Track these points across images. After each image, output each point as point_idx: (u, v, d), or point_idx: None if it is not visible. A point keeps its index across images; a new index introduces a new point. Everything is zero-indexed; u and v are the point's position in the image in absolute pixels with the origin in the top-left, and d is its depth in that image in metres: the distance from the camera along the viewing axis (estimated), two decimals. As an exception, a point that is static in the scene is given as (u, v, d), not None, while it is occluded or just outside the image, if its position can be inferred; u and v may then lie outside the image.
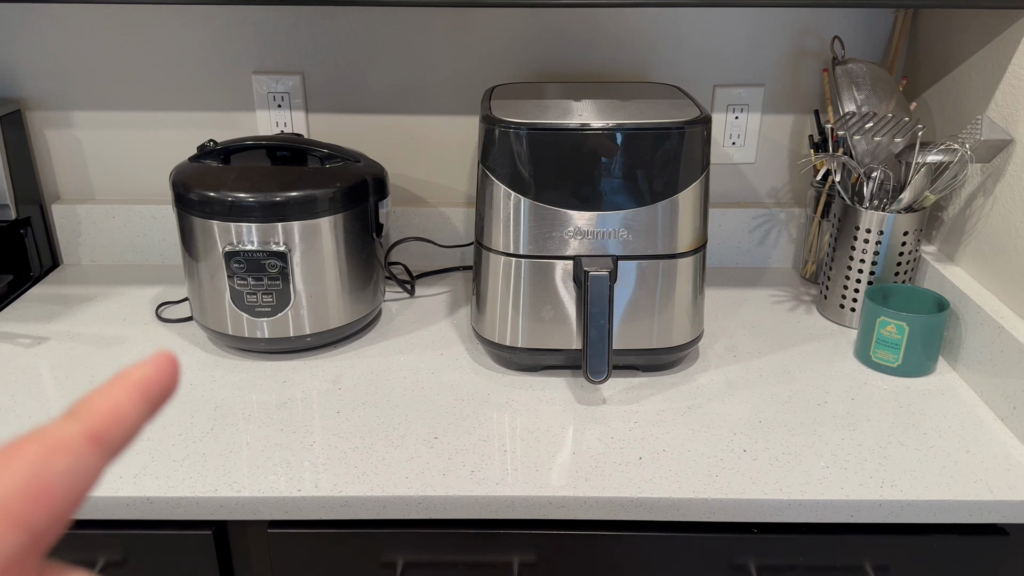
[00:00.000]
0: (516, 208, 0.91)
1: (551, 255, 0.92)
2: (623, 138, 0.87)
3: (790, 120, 1.22)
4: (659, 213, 0.90)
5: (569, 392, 0.94)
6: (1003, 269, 0.94)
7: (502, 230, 0.92)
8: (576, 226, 0.90)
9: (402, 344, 1.04)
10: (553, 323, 0.94)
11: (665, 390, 0.94)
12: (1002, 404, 0.89)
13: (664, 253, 0.92)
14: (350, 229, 0.99)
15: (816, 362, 1.00)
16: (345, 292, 1.01)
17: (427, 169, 1.25)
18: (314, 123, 1.23)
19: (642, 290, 0.93)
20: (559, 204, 0.90)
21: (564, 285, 0.93)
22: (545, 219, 0.90)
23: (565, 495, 0.77)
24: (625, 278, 0.92)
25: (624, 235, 0.91)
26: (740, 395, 0.93)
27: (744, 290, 1.20)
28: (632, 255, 0.92)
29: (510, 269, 0.93)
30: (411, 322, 1.10)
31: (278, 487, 0.78)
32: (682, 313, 0.95)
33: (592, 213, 0.90)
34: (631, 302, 0.93)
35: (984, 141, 0.93)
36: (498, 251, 0.93)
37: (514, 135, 0.88)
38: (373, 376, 0.97)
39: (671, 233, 0.91)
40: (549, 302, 0.93)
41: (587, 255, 0.91)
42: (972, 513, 0.77)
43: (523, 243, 0.92)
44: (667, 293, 0.93)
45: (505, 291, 0.94)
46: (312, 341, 1.02)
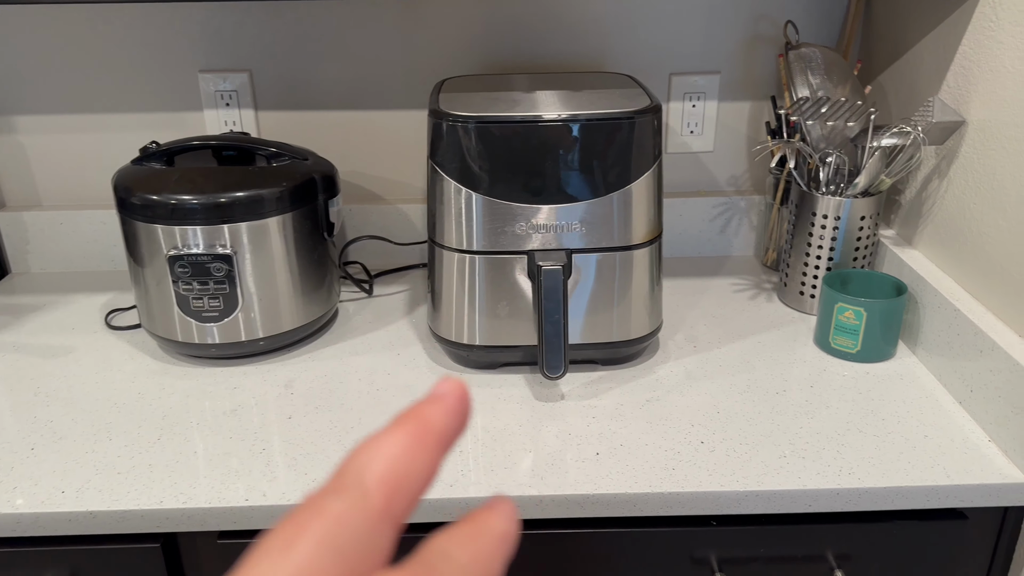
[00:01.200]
0: (467, 203, 0.89)
1: (505, 250, 0.90)
2: (573, 130, 0.86)
3: (747, 107, 1.21)
4: (612, 205, 0.89)
5: (527, 389, 0.92)
6: (959, 251, 0.94)
7: (454, 226, 0.90)
8: (529, 220, 0.89)
9: (358, 345, 1.02)
10: (510, 319, 0.92)
11: (624, 383, 0.93)
12: (959, 387, 0.88)
13: (619, 245, 0.91)
14: (299, 229, 0.97)
15: (776, 350, 0.99)
16: (297, 294, 0.99)
17: (383, 166, 1.23)
18: (264, 121, 1.20)
19: (599, 283, 0.92)
20: (511, 198, 0.88)
21: (519, 281, 0.91)
22: (497, 214, 0.89)
23: (519, 495, 0.75)
24: (581, 272, 0.91)
25: (578, 228, 0.89)
26: (699, 386, 0.92)
27: (705, 280, 1.19)
28: (587, 248, 0.90)
29: (464, 266, 0.91)
30: (368, 322, 1.08)
31: (225, 497, 0.76)
32: (640, 305, 0.94)
33: (545, 207, 0.88)
34: (588, 296, 0.92)
35: (936, 123, 0.93)
36: (451, 248, 0.91)
37: (462, 129, 0.86)
38: (327, 379, 0.95)
39: (626, 225, 0.90)
40: (505, 298, 0.92)
41: (540, 249, 0.90)
42: (930, 498, 0.77)
43: (476, 239, 0.90)
44: (624, 285, 0.92)
45: (460, 288, 0.92)
46: (265, 345, 0.99)
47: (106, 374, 0.97)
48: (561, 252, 0.89)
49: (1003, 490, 0.76)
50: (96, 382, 0.95)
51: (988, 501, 0.77)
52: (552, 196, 0.88)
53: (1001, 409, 0.81)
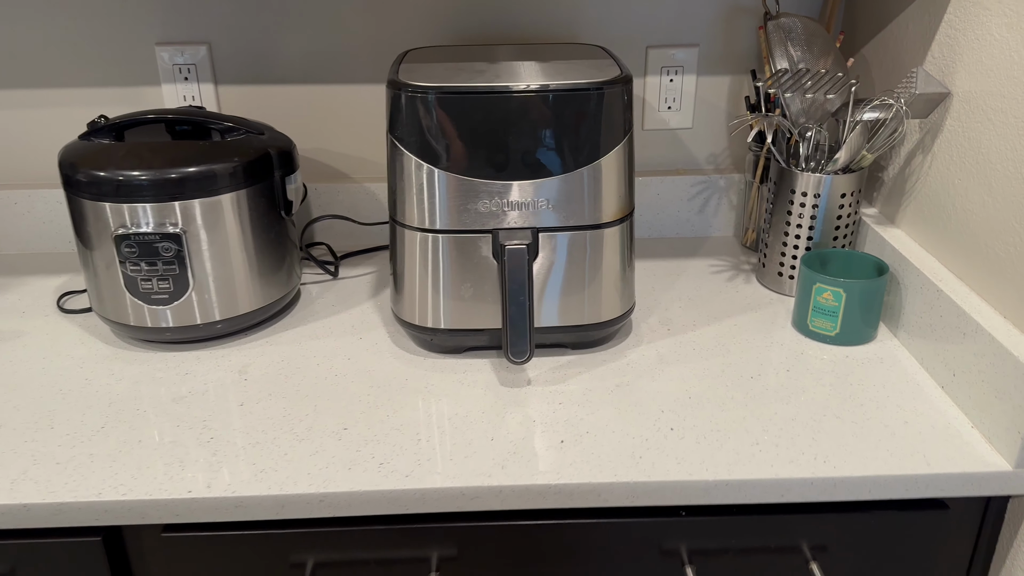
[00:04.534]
0: (428, 180, 0.84)
1: (468, 229, 0.86)
2: (538, 101, 0.81)
3: (727, 82, 1.17)
4: (581, 181, 0.85)
5: (493, 374, 0.88)
6: (942, 229, 0.90)
7: (415, 204, 0.86)
8: (493, 197, 0.85)
9: (319, 329, 0.98)
10: (475, 301, 0.88)
11: (594, 368, 0.89)
12: (942, 371, 0.85)
13: (589, 224, 0.87)
14: (255, 207, 0.93)
15: (752, 333, 0.96)
16: (254, 275, 0.94)
17: (349, 142, 1.19)
18: (225, 96, 1.15)
19: (568, 263, 0.87)
20: (473, 174, 0.84)
21: (485, 261, 0.87)
22: (460, 191, 0.84)
23: (478, 485, 0.72)
24: (549, 251, 0.87)
25: (545, 205, 0.85)
26: (671, 370, 0.88)
27: (682, 261, 1.15)
28: (554, 227, 0.86)
29: (427, 246, 0.87)
30: (331, 305, 1.04)
31: (167, 488, 0.72)
32: (610, 286, 0.90)
33: (509, 183, 0.84)
34: (556, 277, 0.88)
35: (919, 95, 0.89)
36: (412, 227, 0.87)
37: (421, 100, 0.82)
38: (284, 364, 0.91)
39: (595, 202, 0.86)
40: (469, 279, 0.88)
41: (505, 228, 0.85)
42: (910, 488, 0.73)
43: (438, 217, 0.86)
44: (594, 266, 0.88)
45: (423, 269, 0.88)
46: (223, 328, 0.95)
47: (54, 360, 0.92)
48: (527, 231, 0.85)
49: (986, 479, 0.73)
50: (43, 368, 0.91)
51: (970, 491, 0.73)
52: (517, 172, 0.84)
53: (984, 394, 0.77)
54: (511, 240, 0.83)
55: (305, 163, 1.19)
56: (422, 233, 0.87)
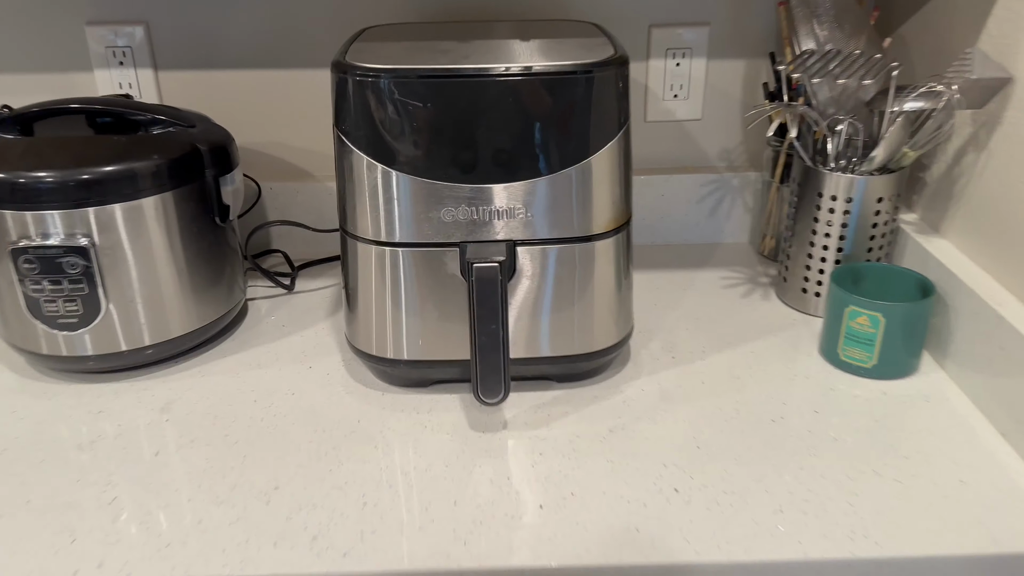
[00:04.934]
0: (384, 183, 0.70)
1: (432, 242, 0.71)
2: (513, 86, 0.67)
3: (742, 66, 1.02)
4: (567, 184, 0.70)
5: (462, 414, 0.74)
6: (1001, 241, 0.75)
7: (369, 212, 0.72)
8: (461, 204, 0.70)
9: (264, 355, 0.84)
10: (442, 327, 0.74)
11: (583, 407, 0.75)
12: (1003, 415, 0.70)
13: (577, 235, 0.72)
14: (183, 213, 0.78)
15: (772, 362, 0.81)
16: (186, 292, 0.80)
17: (311, 135, 1.04)
18: (167, 84, 1.01)
19: (552, 283, 0.73)
20: (437, 176, 0.69)
21: (452, 279, 0.73)
22: (421, 196, 0.70)
23: (434, 569, 0.58)
24: (529, 268, 0.72)
25: (523, 214, 0.71)
26: (676, 411, 0.74)
27: (690, 272, 1.00)
28: (535, 239, 0.72)
29: (383, 261, 0.73)
30: (281, 325, 0.90)
31: (49, 568, 0.58)
32: (604, 309, 0.75)
33: (480, 186, 0.70)
34: (538, 298, 0.73)
35: (976, 81, 0.74)
36: (365, 239, 0.73)
37: (372, 86, 0.67)
38: (216, 400, 0.77)
39: (584, 209, 0.71)
40: (434, 301, 0.73)
41: (475, 240, 0.71)
42: (970, 572, 0.59)
43: (396, 228, 0.71)
44: (584, 285, 0.74)
45: (380, 289, 0.74)
46: (154, 354, 0.81)
47: (-49, 392, 0.79)
48: (501, 244, 0.71)
49: (1066, 559, 0.58)
50: (-65, 403, 0.77)
51: (1045, 572, 0.59)
52: (489, 173, 0.69)
53: (1061, 449, 0.63)
54: (481, 256, 0.69)
55: (258, 159, 1.05)
56: (377, 247, 0.73)
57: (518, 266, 0.72)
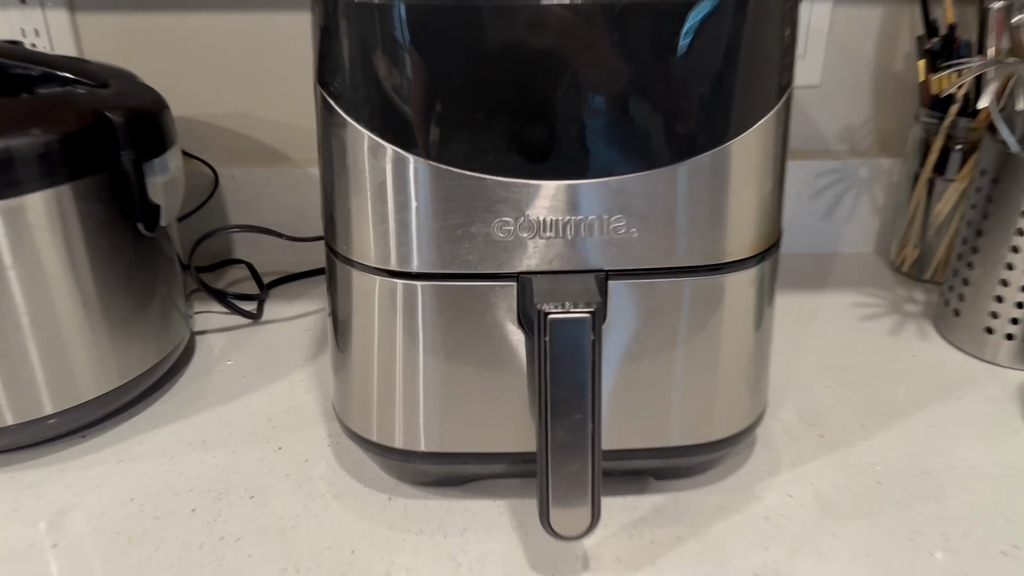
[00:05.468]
0: (397, 176, 0.43)
1: (472, 272, 0.44)
2: (613, 18, 0.40)
3: (878, 15, 0.75)
4: (693, 182, 0.43)
5: (514, 539, 0.48)
6: None
7: (371, 223, 0.45)
8: (521, 211, 0.43)
9: (212, 426, 0.57)
10: (483, 405, 0.47)
11: (704, 526, 0.48)
12: None
13: (703, 264, 0.45)
14: (89, 218, 0.51)
15: (972, 447, 0.55)
16: (98, 336, 0.54)
17: (286, 105, 0.77)
18: (87, 30, 0.73)
19: (657, 336, 0.46)
20: (484, 166, 0.42)
21: (500, 331, 0.46)
22: (456, 199, 0.43)
23: None
24: (625, 313, 0.45)
25: (622, 229, 0.44)
26: (850, 536, 0.47)
27: (809, 296, 0.74)
28: (637, 269, 0.45)
29: (393, 301, 0.46)
30: (241, 376, 0.63)
31: None
32: (735, 375, 0.49)
33: (555, 183, 0.43)
34: (637, 359, 0.46)
35: None
36: (366, 266, 0.46)
37: (378, 16, 0.40)
38: (135, 509, 0.50)
39: (717, 221, 0.45)
40: (471, 365, 0.46)
41: (543, 272, 0.44)
42: None
43: (415, 249, 0.44)
44: (708, 339, 0.47)
45: (387, 344, 0.47)
46: (58, 425, 0.55)
47: None
48: (585, 278, 0.44)
49: None
50: None
51: None
52: (571, 163, 0.42)
53: None
54: (558, 299, 0.42)
55: (215, 137, 0.77)
56: (383, 278, 0.45)
57: (610, 310, 0.45)
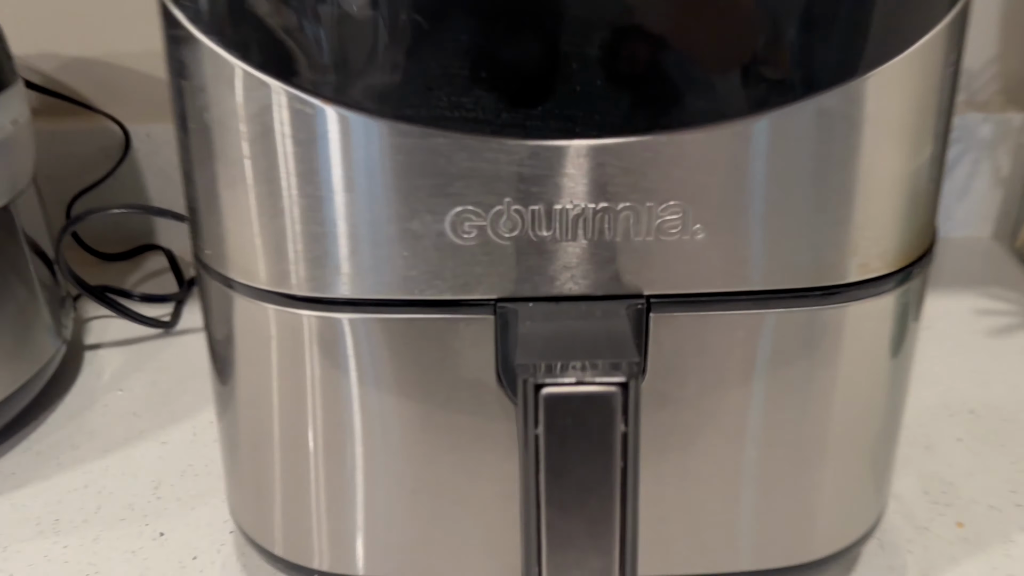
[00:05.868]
0: (292, 135, 0.25)
1: (411, 299, 0.26)
2: None
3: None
4: (792, 144, 0.25)
5: None
6: None
7: (256, 221, 0.26)
8: (497, 195, 0.25)
9: (71, 493, 0.40)
10: (444, 516, 0.29)
11: None
12: None
13: (808, 287, 0.27)
14: None
15: None
16: None
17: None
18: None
19: (728, 407, 0.28)
20: (430, 116, 0.24)
21: (467, 395, 0.28)
22: (388, 173, 0.24)
23: None
24: (670, 372, 0.27)
25: (671, 225, 0.25)
26: None
27: (913, 299, 0.55)
28: (697, 294, 0.26)
29: (298, 344, 0.28)
30: (132, 411, 0.46)
31: None
32: (848, 469, 0.30)
33: (555, 146, 0.24)
34: (688, 445, 0.28)
35: None
36: (253, 289, 0.28)
37: None
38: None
39: (833, 216, 0.26)
40: (424, 454, 0.28)
41: (539, 297, 0.26)
42: None
43: (328, 263, 0.26)
44: (808, 413, 0.29)
45: (293, 414, 0.29)
46: None
47: None
48: (613, 309, 0.26)
49: None
50: None
51: None
52: (580, 108, 0.24)
53: None
54: (561, 360, 0.23)
55: (125, 84, 0.59)
56: (283, 310, 0.27)
57: (651, 366, 0.27)
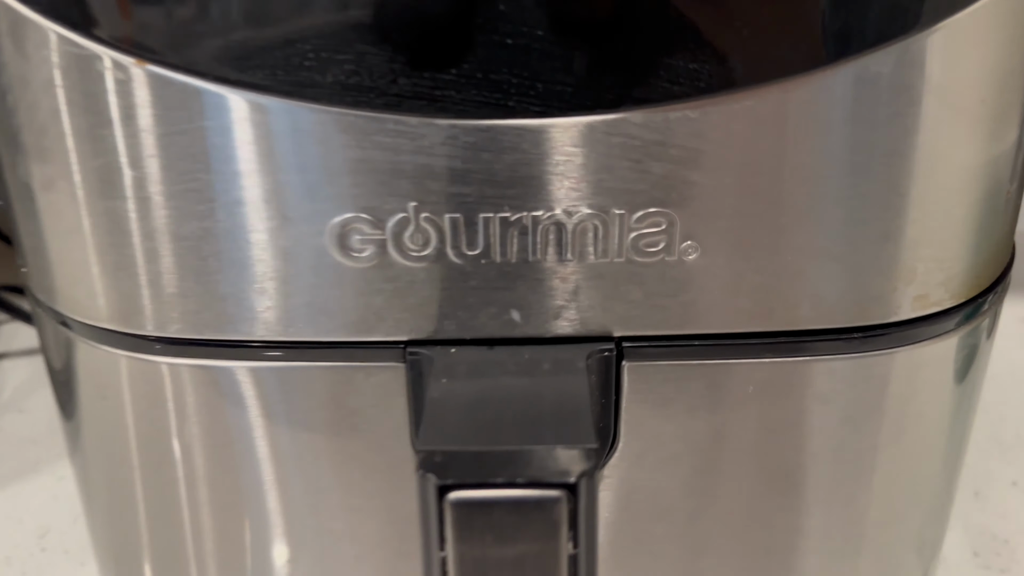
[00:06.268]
0: (122, 115, 0.17)
1: (286, 341, 0.19)
2: None
3: None
4: (823, 124, 0.17)
5: None
6: None
7: (90, 238, 0.19)
8: (403, 196, 0.17)
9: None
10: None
11: None
12: None
13: (843, 328, 0.19)
14: None
15: None
16: None
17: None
18: None
19: (732, 489, 0.20)
20: (319, 92, 0.16)
21: (376, 475, 0.20)
22: (276, 160, 0.17)
23: None
24: (651, 448, 0.20)
25: (653, 241, 0.18)
26: None
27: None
28: (689, 336, 0.19)
29: (159, 400, 0.20)
30: (32, 435, 0.39)
31: None
32: (889, 549, 0.23)
33: (486, 126, 0.16)
34: (680, 548, 0.21)
35: None
36: (95, 330, 0.20)
37: None
38: None
39: (878, 226, 0.18)
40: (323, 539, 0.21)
41: (464, 339, 0.18)
42: None
43: (175, 287, 0.19)
44: (840, 489, 0.21)
45: (159, 487, 0.22)
46: None
47: None
48: (570, 358, 0.18)
49: None
50: None
51: None
52: (525, 74, 0.16)
53: None
54: (480, 444, 0.16)
55: None
56: (135, 356, 0.20)
57: (621, 432, 0.19)
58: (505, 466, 0.15)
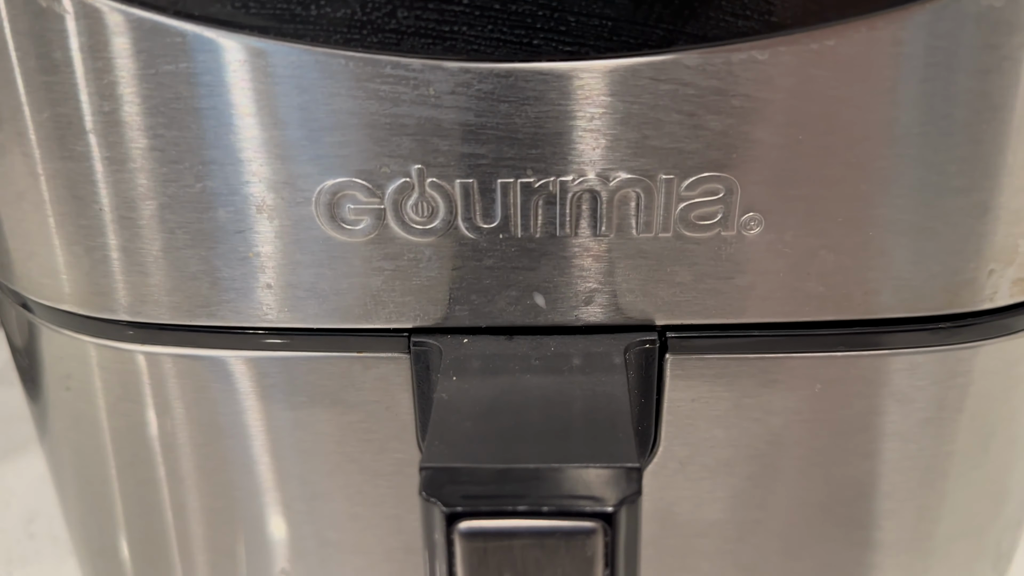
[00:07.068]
0: (90, 63, 0.14)
1: (294, 328, 0.16)
2: None
3: None
4: (915, 72, 0.14)
5: None
6: None
7: (51, 209, 0.16)
8: (408, 156, 0.14)
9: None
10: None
11: None
12: None
13: (921, 316, 0.16)
14: None
15: None
16: None
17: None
18: None
19: (779, 513, 0.18)
20: (302, 28, 0.13)
21: (379, 476, 0.17)
22: (253, 111, 0.14)
23: None
24: (701, 452, 0.17)
25: (709, 212, 0.15)
26: None
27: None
28: (748, 325, 0.16)
29: (137, 393, 0.18)
30: (22, 411, 0.37)
31: None
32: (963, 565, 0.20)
33: (503, 70, 0.13)
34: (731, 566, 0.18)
35: None
36: (61, 314, 0.18)
37: None
38: None
39: (970, 205, 0.15)
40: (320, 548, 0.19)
41: (478, 328, 0.15)
42: None
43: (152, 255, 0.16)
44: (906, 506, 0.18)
45: (137, 489, 0.19)
46: None
47: None
48: (610, 349, 0.15)
49: None
50: None
51: None
52: (553, 6, 0.13)
53: None
54: (496, 462, 0.13)
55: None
56: (105, 344, 0.17)
57: (662, 436, 0.17)
58: (527, 489, 0.12)
